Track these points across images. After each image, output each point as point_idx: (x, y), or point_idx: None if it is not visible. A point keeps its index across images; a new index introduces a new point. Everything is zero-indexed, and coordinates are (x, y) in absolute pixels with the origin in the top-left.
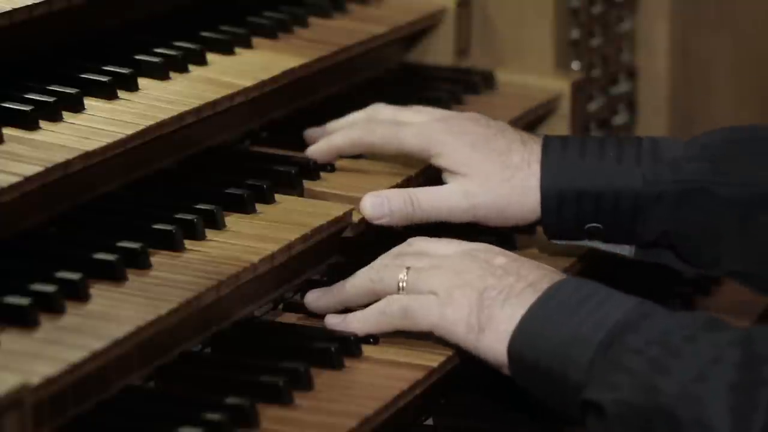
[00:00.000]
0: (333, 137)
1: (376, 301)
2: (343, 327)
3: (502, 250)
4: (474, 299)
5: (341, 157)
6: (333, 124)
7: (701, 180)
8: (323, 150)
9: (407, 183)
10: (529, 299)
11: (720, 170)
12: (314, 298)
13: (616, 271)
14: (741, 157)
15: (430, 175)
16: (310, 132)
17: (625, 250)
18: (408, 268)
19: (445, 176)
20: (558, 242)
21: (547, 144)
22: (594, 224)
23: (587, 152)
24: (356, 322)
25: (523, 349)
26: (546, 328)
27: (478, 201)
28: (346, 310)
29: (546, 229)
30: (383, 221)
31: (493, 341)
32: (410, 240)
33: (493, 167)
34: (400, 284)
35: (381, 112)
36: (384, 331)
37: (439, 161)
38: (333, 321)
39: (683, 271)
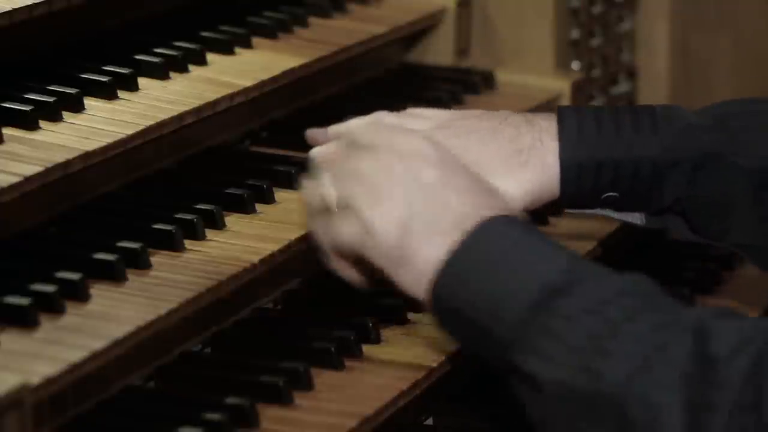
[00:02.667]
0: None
1: None
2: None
3: (437, 153)
4: (397, 231)
5: None
6: (339, 127)
7: (719, 148)
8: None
9: None
10: (453, 238)
11: (738, 140)
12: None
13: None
14: (758, 129)
15: None
16: (312, 133)
17: (636, 218)
18: (335, 175)
19: None
20: (570, 211)
21: (563, 116)
22: (611, 193)
23: (603, 122)
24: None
25: (444, 295)
26: (469, 278)
27: (505, 199)
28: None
29: (562, 199)
30: None
31: (413, 279)
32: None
33: (507, 158)
34: (327, 197)
35: (384, 120)
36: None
37: None
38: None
39: (691, 239)
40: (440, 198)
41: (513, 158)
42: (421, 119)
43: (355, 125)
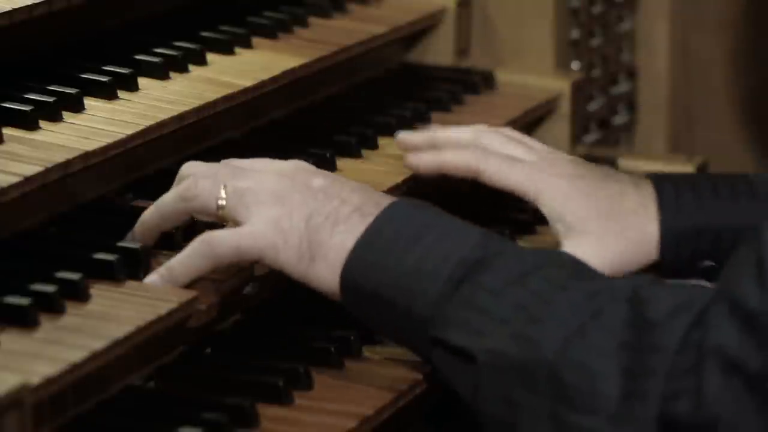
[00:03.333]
0: (445, 154)
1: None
2: (169, 279)
3: (316, 169)
4: (302, 227)
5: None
6: (440, 136)
7: None
8: (429, 163)
9: (409, 182)
10: (357, 225)
11: None
12: (132, 234)
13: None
14: None
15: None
16: (411, 138)
17: None
18: (225, 186)
19: (553, 223)
20: (669, 281)
21: (659, 184)
22: (709, 262)
23: (701, 190)
24: (181, 260)
25: (358, 279)
26: (384, 258)
27: (590, 263)
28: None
29: (661, 269)
30: None
31: (324, 270)
32: (223, 162)
33: (607, 220)
34: (219, 202)
35: (490, 139)
36: (214, 268)
37: (548, 209)
38: (152, 278)
39: None
40: (335, 195)
41: (612, 225)
42: (530, 150)
43: (460, 138)
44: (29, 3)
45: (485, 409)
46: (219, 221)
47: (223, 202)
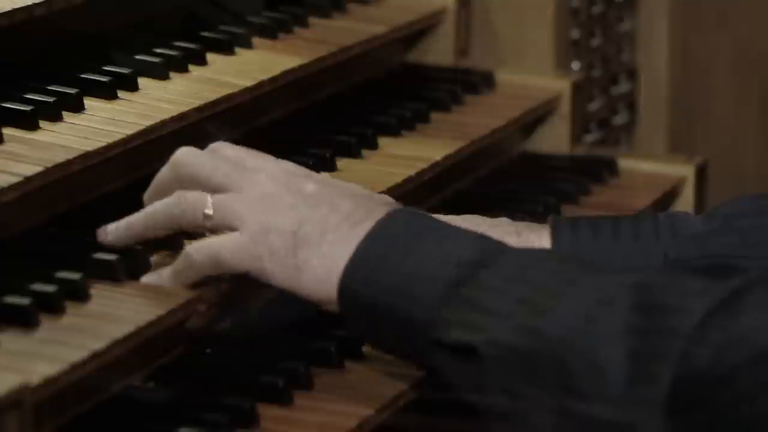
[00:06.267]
0: None
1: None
2: (157, 280)
3: (310, 172)
4: (289, 238)
5: None
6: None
7: (728, 255)
8: None
9: (409, 181)
10: (347, 234)
11: (749, 243)
12: (112, 231)
13: None
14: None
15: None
16: None
17: None
18: (212, 197)
19: None
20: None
21: (557, 227)
22: None
23: (600, 232)
24: (168, 279)
25: (357, 288)
26: (382, 266)
27: None
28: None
29: None
30: None
31: (312, 281)
32: (216, 145)
33: None
34: (206, 211)
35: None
36: (195, 280)
37: None
38: (147, 279)
39: None
40: (325, 202)
41: None
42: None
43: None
44: (29, 3)
45: (490, 406)
46: (210, 233)
47: (210, 212)
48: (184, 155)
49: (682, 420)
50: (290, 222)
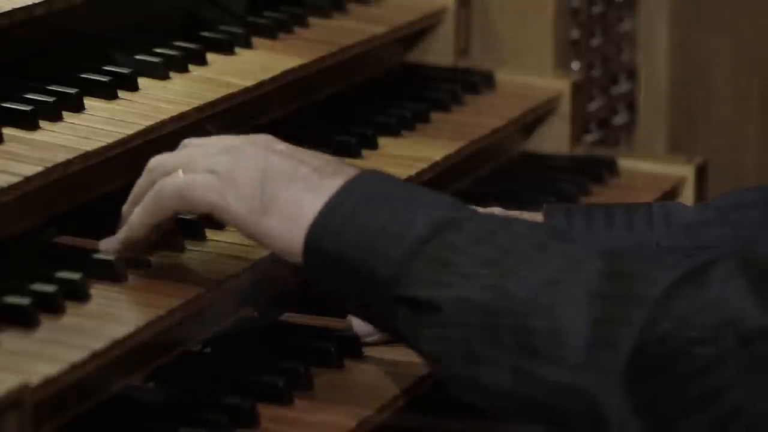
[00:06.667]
0: None
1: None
2: (124, 232)
3: (278, 140)
4: (256, 177)
5: None
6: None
7: (719, 247)
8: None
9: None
10: (317, 183)
11: (739, 235)
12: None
13: None
14: (761, 222)
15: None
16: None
17: None
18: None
19: None
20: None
21: (550, 215)
22: None
23: (594, 221)
24: (135, 216)
25: (324, 241)
26: (351, 221)
27: None
28: None
29: None
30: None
31: (277, 225)
32: (185, 141)
33: None
34: (179, 172)
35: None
36: (162, 219)
37: None
38: (110, 241)
39: None
40: (295, 157)
41: None
42: None
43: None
44: (29, 3)
45: (449, 368)
46: (197, 202)
47: (183, 166)
48: (155, 159)
49: (639, 390)
50: (257, 164)
